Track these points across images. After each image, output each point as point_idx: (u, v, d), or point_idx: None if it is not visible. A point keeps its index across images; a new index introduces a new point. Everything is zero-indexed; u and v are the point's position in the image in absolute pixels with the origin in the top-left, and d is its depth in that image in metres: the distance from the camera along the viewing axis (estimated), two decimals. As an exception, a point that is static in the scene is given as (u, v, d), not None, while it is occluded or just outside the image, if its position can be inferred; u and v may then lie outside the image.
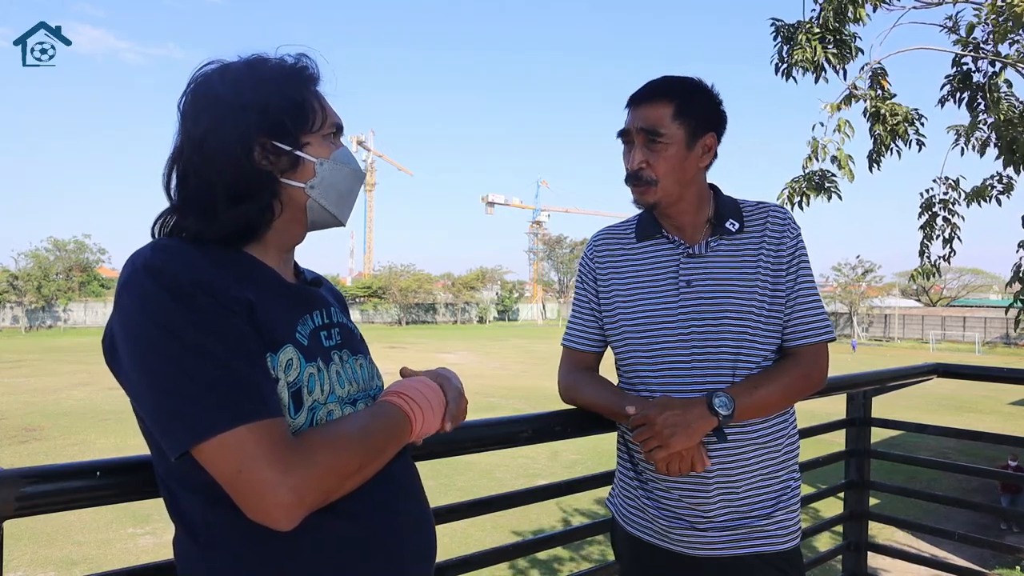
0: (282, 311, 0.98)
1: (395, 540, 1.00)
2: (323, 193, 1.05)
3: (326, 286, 1.19)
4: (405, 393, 1.04)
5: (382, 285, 61.49)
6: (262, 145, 0.99)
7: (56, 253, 48.36)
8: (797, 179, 6.02)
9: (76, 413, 15.78)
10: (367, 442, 0.94)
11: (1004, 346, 45.49)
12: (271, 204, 1.01)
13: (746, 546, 1.46)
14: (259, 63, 1.03)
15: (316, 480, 0.85)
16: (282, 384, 0.92)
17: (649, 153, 1.47)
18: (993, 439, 2.85)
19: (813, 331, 1.50)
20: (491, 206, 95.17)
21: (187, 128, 0.99)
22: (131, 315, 0.88)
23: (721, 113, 1.52)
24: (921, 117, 6.10)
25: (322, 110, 1.06)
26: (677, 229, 1.55)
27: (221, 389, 0.84)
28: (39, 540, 8.10)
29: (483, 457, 10.76)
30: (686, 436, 1.35)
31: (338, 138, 1.10)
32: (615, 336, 1.56)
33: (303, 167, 1.03)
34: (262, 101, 0.98)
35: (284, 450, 0.84)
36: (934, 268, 6.68)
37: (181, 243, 0.95)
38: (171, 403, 0.84)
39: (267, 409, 0.86)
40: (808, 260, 1.54)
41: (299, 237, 1.10)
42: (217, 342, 0.86)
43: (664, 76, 1.51)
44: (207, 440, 0.82)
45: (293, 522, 0.84)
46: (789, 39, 6.00)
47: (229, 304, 0.89)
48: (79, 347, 33.21)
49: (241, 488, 0.83)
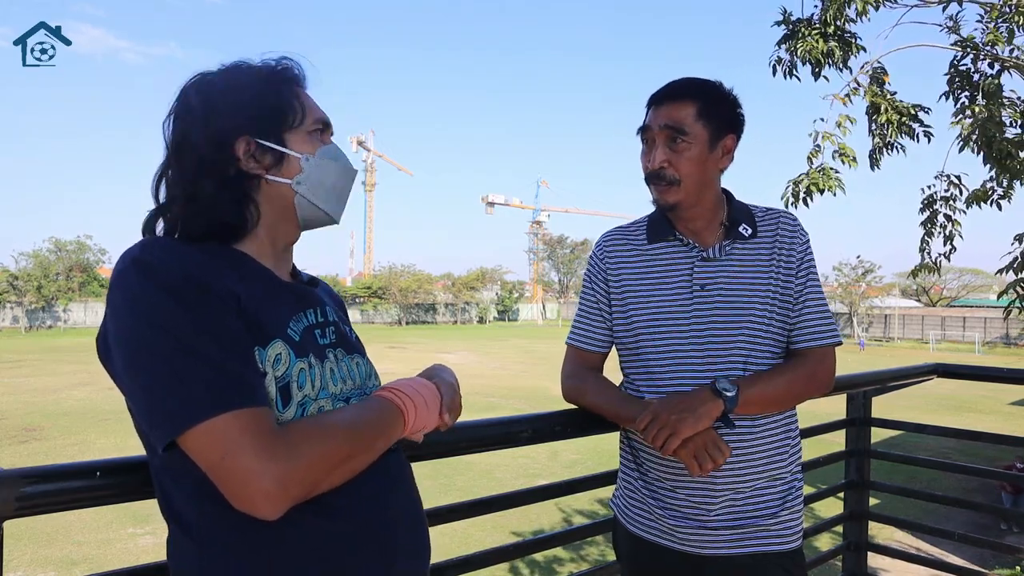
0: (273, 306, 0.98)
1: (386, 535, 1.00)
2: (311, 189, 1.05)
3: (323, 287, 1.19)
4: (396, 388, 1.05)
5: (382, 285, 61.48)
6: (246, 144, 1.01)
7: (57, 253, 48.37)
8: (801, 175, 6.02)
9: (76, 413, 15.78)
10: (355, 433, 0.94)
11: (1004, 346, 45.48)
12: (255, 200, 1.02)
13: (751, 545, 1.46)
14: (235, 68, 1.05)
15: (301, 470, 0.85)
16: (270, 378, 0.92)
17: (671, 153, 1.46)
18: (993, 439, 2.85)
19: (820, 334, 1.51)
20: (491, 206, 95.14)
21: (169, 137, 1.02)
22: (120, 310, 0.88)
23: (740, 116, 1.52)
24: (925, 109, 6.08)
25: (303, 107, 1.07)
26: (692, 232, 1.54)
27: (207, 380, 0.84)
28: (39, 540, 8.09)
29: (483, 457, 10.76)
30: (694, 420, 1.35)
31: (326, 135, 1.10)
32: (627, 336, 1.56)
33: (288, 163, 1.04)
34: (239, 101, 1.01)
35: (269, 439, 0.84)
36: (935, 265, 6.68)
37: (171, 239, 0.97)
38: (158, 395, 0.85)
39: (253, 398, 0.86)
40: (816, 266, 1.56)
41: (293, 235, 1.10)
42: (204, 336, 0.86)
43: (686, 77, 1.52)
44: (192, 428, 0.82)
45: (277, 512, 0.84)
46: (792, 35, 6.00)
47: (217, 297, 0.90)
48: (79, 347, 33.20)
49: (224, 475, 0.83)
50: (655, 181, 1.49)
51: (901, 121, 5.99)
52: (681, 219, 1.54)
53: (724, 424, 1.40)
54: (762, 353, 1.48)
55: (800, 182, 5.93)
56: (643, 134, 1.52)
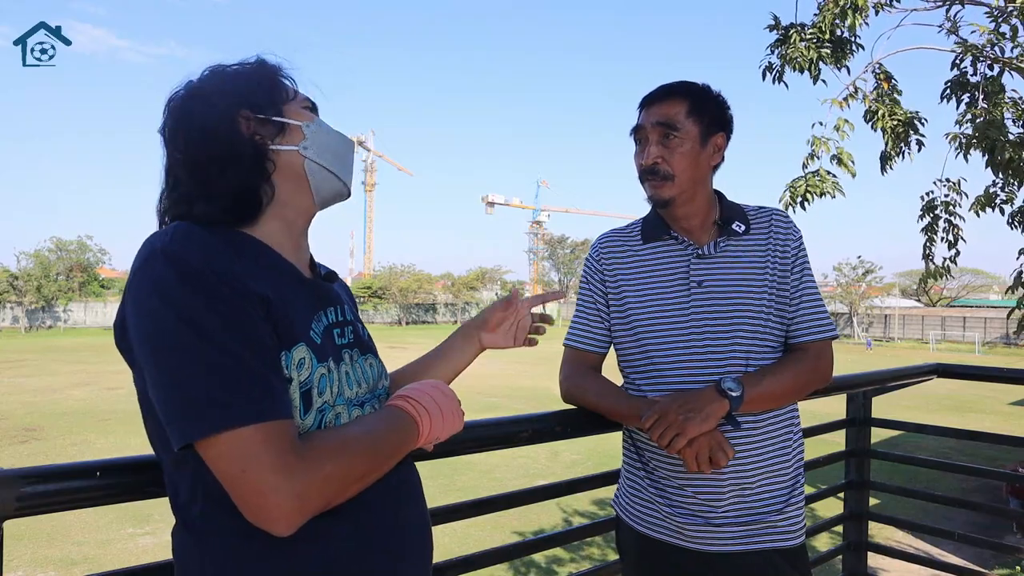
0: (299, 307, 0.97)
1: (391, 539, 1.00)
2: (318, 153, 1.05)
3: (339, 282, 1.18)
4: (413, 398, 1.03)
5: (382, 285, 61.48)
6: (245, 119, 1.01)
7: (58, 253, 48.36)
8: (798, 179, 6.02)
9: (76, 413, 15.77)
10: (374, 448, 0.93)
11: (1004, 346, 45.45)
12: (267, 172, 1.01)
13: (758, 542, 1.47)
14: (220, 66, 1.06)
15: (319, 486, 0.84)
16: (294, 384, 0.91)
17: (664, 149, 1.49)
18: (993, 439, 2.85)
19: (818, 328, 1.53)
20: (491, 206, 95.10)
21: (174, 123, 1.01)
22: (146, 299, 0.85)
23: (729, 116, 1.57)
24: (922, 120, 6.09)
25: (294, 84, 1.09)
26: (686, 230, 1.56)
27: (234, 384, 0.82)
28: (39, 540, 8.09)
29: (483, 457, 10.76)
30: (701, 419, 1.35)
31: (314, 114, 1.11)
32: (627, 336, 1.56)
33: (290, 131, 1.04)
34: (234, 82, 1.02)
35: (290, 454, 0.83)
36: (944, 270, 6.65)
37: (200, 229, 0.92)
38: (182, 393, 0.82)
39: (278, 410, 0.84)
40: (809, 261, 1.58)
41: (309, 210, 1.08)
42: (234, 335, 0.84)
43: (676, 80, 1.56)
44: (215, 435, 0.81)
45: (292, 528, 0.83)
46: (782, 40, 6.00)
47: (247, 298, 0.88)
48: (79, 347, 33.19)
49: (243, 489, 0.81)
50: (650, 177, 1.51)
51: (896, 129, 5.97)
52: (675, 217, 1.56)
53: (729, 424, 1.40)
54: (762, 348, 1.49)
55: (798, 186, 5.93)
56: (636, 134, 1.55)
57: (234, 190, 0.98)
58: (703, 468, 1.36)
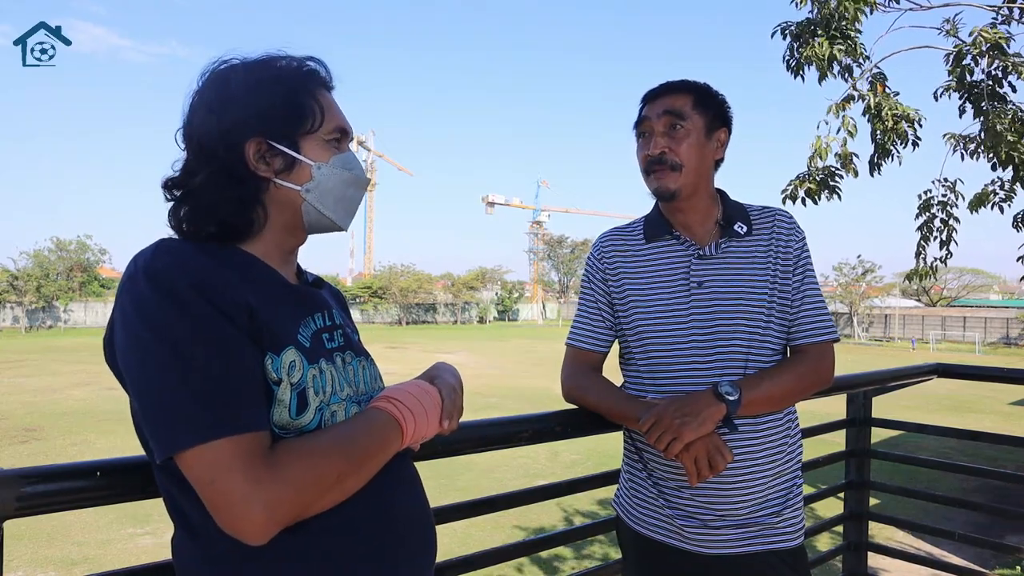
0: (284, 313, 0.98)
1: (393, 537, 1.00)
2: (319, 197, 1.04)
3: (327, 288, 1.19)
4: (395, 398, 1.03)
5: (382, 285, 61.42)
6: (257, 145, 0.99)
7: (58, 253, 48.35)
8: (802, 176, 6.01)
9: (76, 413, 15.77)
10: (349, 452, 0.92)
11: (1004, 346, 45.45)
12: (262, 202, 1.01)
13: (757, 544, 1.47)
14: (259, 65, 1.03)
15: (290, 496, 0.84)
16: (285, 385, 0.92)
17: (671, 140, 1.50)
18: (993, 439, 2.85)
19: (820, 330, 1.52)
20: (491, 206, 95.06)
21: (185, 127, 1.01)
22: (127, 317, 0.88)
23: (730, 113, 1.58)
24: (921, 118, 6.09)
25: (323, 113, 1.04)
26: (687, 228, 1.56)
27: (206, 399, 0.84)
28: (39, 540, 8.09)
29: (483, 457, 10.75)
30: (697, 424, 1.35)
31: (343, 143, 1.08)
32: (631, 335, 1.56)
33: (300, 169, 1.02)
34: (255, 102, 0.99)
35: (260, 464, 0.84)
36: (930, 270, 6.67)
37: (184, 243, 0.94)
38: (158, 408, 0.85)
39: (249, 422, 0.86)
40: (812, 262, 1.57)
41: (299, 239, 1.09)
42: (208, 350, 0.86)
43: (678, 79, 1.57)
44: (187, 449, 0.83)
45: (264, 538, 0.84)
46: (798, 36, 5.99)
47: (227, 308, 0.89)
48: (79, 347, 33.19)
49: (213, 499, 0.83)
50: (656, 168, 1.51)
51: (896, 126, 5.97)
52: (678, 212, 1.56)
53: (727, 427, 1.40)
54: (762, 349, 1.48)
55: (800, 185, 5.93)
56: (640, 127, 1.55)
57: (226, 215, 0.99)
58: (703, 473, 1.36)
